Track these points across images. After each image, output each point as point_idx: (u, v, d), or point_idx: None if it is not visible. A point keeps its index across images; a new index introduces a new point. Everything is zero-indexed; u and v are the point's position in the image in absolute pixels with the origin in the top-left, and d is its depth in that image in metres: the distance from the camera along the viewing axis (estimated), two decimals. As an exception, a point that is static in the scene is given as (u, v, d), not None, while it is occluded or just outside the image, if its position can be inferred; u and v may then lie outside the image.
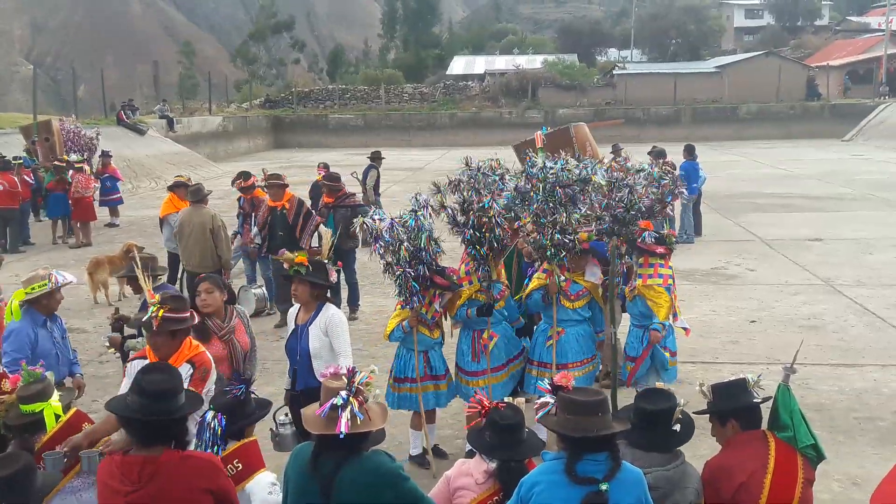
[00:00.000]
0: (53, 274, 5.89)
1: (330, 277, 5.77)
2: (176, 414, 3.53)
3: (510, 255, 7.11)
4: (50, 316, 5.96)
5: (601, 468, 3.41)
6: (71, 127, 22.08)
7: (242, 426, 4.14)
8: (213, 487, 3.53)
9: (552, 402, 3.68)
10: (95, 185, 18.42)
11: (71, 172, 17.37)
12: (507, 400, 4.28)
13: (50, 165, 18.56)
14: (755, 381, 4.16)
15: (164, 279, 7.70)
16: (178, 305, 4.65)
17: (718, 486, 3.96)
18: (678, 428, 3.99)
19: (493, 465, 3.92)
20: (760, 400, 4.13)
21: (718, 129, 42.77)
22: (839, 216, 18.12)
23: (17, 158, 18.75)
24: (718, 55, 60.93)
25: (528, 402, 5.50)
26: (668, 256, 6.71)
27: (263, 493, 3.98)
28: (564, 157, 6.49)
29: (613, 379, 6.79)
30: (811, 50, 60.91)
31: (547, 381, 3.86)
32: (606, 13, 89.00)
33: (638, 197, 6.41)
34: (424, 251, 6.04)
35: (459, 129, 44.89)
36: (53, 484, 3.97)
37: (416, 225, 6.01)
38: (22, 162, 18.70)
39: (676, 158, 15.88)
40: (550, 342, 6.50)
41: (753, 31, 78.06)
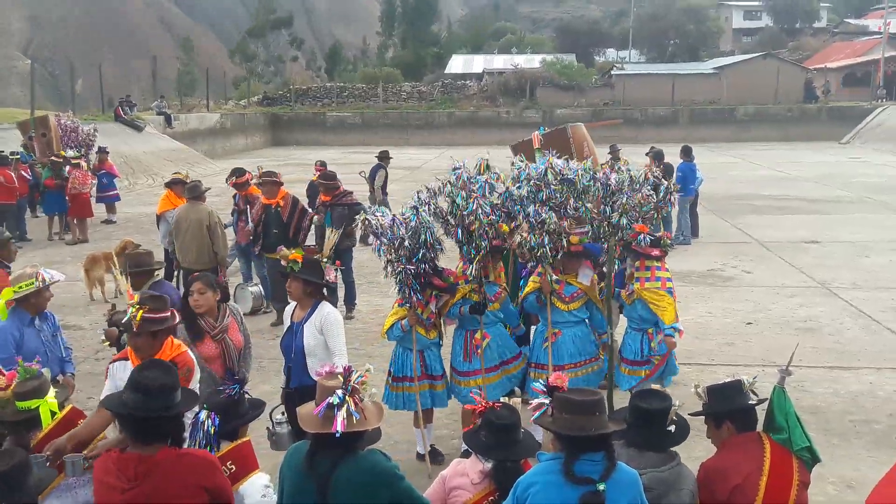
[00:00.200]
0: (41, 272, 5.86)
1: (327, 276, 5.76)
2: (173, 411, 3.52)
3: (506, 255, 7.10)
4: (40, 314, 5.94)
5: (598, 468, 3.42)
6: (68, 123, 22.02)
7: (236, 426, 4.13)
8: (209, 485, 3.52)
9: (547, 403, 3.69)
10: (93, 181, 18.39)
11: (68, 168, 17.33)
12: (503, 400, 4.29)
13: (47, 161, 18.53)
14: (751, 383, 4.18)
15: (160, 275, 7.69)
16: (157, 306, 4.56)
17: (713, 487, 3.96)
18: (673, 429, 4.00)
19: (488, 465, 3.92)
20: (756, 402, 4.14)
21: (716, 130, 42.72)
22: (836, 219, 18.15)
23: (14, 154, 18.73)
24: (717, 56, 60.85)
25: (524, 402, 5.50)
26: (663, 259, 6.72)
27: (257, 495, 3.97)
28: (549, 158, 6.50)
29: (610, 380, 6.79)
30: (809, 52, 60.91)
31: (542, 382, 3.87)
32: (605, 13, 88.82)
33: (635, 200, 6.43)
34: (426, 248, 6.04)
35: (457, 128, 44.82)
36: (49, 481, 3.97)
37: (417, 222, 6.01)
38: (19, 157, 18.68)
39: (673, 159, 15.92)
40: (547, 343, 6.50)
41: (752, 32, 78.05)
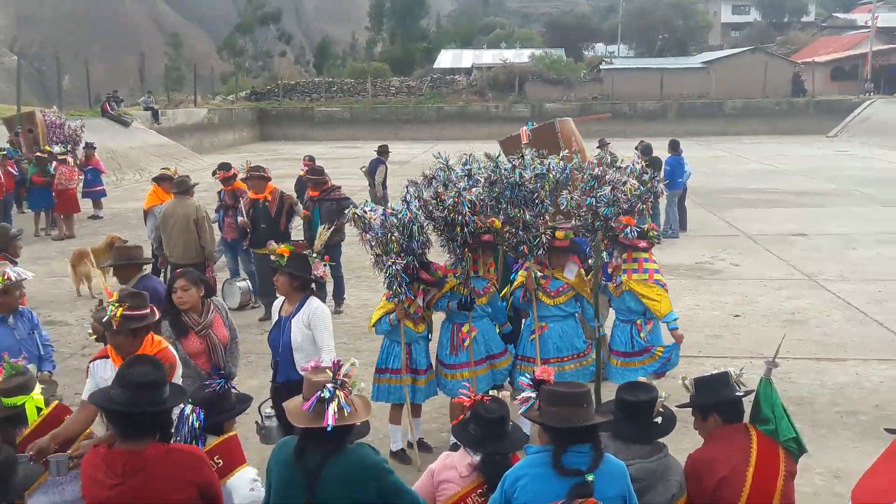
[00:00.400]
0: (7, 271, 5.84)
1: (314, 271, 5.75)
2: (161, 406, 3.50)
3: (497, 250, 7.10)
4: (13, 312, 5.90)
5: (585, 460, 3.44)
6: (54, 118, 21.91)
7: (221, 420, 4.11)
8: (198, 480, 3.51)
9: (534, 396, 3.70)
10: (80, 176, 18.28)
11: (54, 164, 17.22)
12: (492, 393, 4.29)
13: (33, 157, 18.41)
14: (738, 374, 4.19)
15: (148, 270, 7.67)
16: (136, 303, 4.54)
17: (701, 478, 3.98)
18: (659, 420, 4.02)
19: (477, 458, 3.92)
20: (743, 394, 4.16)
21: (704, 124, 42.84)
22: (823, 212, 18.24)
23: (0, 149, 18.60)
24: (705, 51, 60.97)
25: (511, 396, 5.51)
26: (650, 251, 6.74)
27: (245, 489, 3.97)
28: (519, 154, 6.53)
29: (597, 373, 6.81)
30: (797, 46, 61.10)
31: (528, 375, 3.87)
32: (594, 8, 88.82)
33: (621, 192, 6.45)
34: (415, 241, 6.04)
35: (446, 122, 44.75)
36: (35, 477, 3.96)
37: (408, 216, 6.00)
38: (5, 153, 18.52)
39: (662, 153, 15.94)
40: (534, 336, 6.52)
41: (740, 27, 78.30)
